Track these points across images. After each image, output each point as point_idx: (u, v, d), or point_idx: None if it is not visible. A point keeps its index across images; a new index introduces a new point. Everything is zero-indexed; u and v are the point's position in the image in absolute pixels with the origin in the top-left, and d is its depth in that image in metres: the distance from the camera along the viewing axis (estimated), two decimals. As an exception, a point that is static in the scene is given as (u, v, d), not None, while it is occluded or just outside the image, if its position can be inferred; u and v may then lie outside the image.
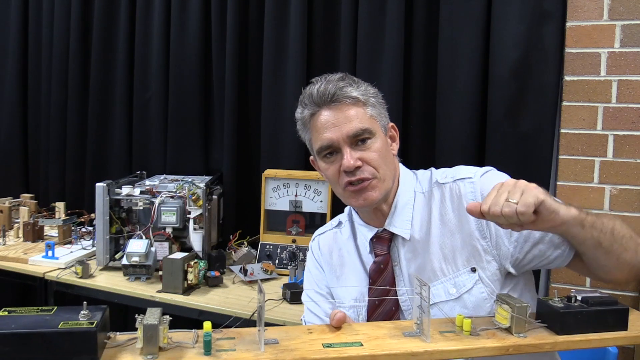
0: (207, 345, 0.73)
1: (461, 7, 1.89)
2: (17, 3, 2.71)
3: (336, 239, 1.26)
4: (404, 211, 1.14)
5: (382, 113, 1.15)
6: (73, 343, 0.69)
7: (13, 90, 2.75)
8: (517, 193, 0.88)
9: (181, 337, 0.78)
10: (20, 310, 0.75)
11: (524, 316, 0.79)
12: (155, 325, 0.72)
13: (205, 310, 1.68)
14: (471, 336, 0.80)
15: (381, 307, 1.14)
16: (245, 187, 2.34)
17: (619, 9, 1.70)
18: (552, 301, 0.84)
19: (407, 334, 0.81)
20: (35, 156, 2.79)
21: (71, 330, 0.69)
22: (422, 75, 2.02)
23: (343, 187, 1.11)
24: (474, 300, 1.06)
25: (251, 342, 0.78)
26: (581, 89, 1.76)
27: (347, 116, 1.08)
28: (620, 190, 1.74)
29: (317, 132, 1.12)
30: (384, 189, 1.10)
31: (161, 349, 0.74)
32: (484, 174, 1.11)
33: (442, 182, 1.14)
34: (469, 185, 1.10)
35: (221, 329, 0.81)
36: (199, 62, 2.37)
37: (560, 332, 0.80)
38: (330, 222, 1.33)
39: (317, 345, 0.78)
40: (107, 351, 0.74)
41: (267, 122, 2.25)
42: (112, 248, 1.97)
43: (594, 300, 0.82)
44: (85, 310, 0.74)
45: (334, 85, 1.09)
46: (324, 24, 2.17)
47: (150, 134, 2.49)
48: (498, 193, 0.90)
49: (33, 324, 0.71)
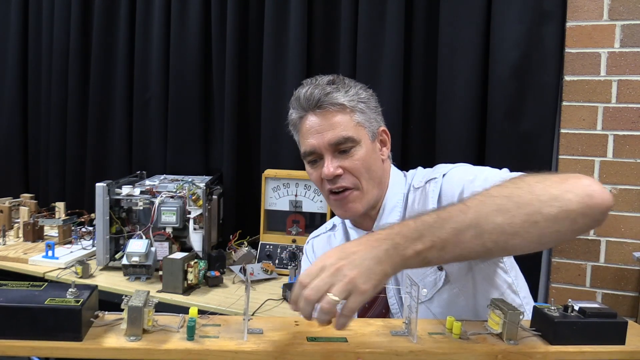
0: (190, 330, 0.73)
1: (461, 7, 1.89)
2: (17, 3, 2.71)
3: (330, 242, 1.26)
4: (392, 214, 1.13)
5: (372, 118, 1.12)
6: (57, 320, 0.70)
7: (13, 90, 2.75)
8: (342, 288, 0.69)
9: (168, 320, 0.78)
10: (11, 284, 0.76)
11: (516, 323, 0.76)
12: (140, 307, 0.72)
13: (205, 310, 1.67)
14: (460, 339, 0.77)
15: (371, 310, 1.14)
16: (245, 187, 2.34)
17: (619, 9, 1.70)
18: (548, 309, 0.80)
19: (394, 333, 0.80)
20: (35, 156, 2.79)
21: (56, 307, 0.70)
22: (422, 75, 2.02)
23: (326, 194, 1.11)
24: (447, 298, 1.06)
25: (236, 330, 0.78)
26: (581, 89, 1.76)
27: (331, 123, 1.07)
28: (620, 190, 1.74)
29: (302, 137, 1.12)
30: (366, 200, 1.09)
31: (146, 331, 0.74)
32: (447, 172, 1.08)
33: (416, 187, 1.12)
34: (433, 184, 1.08)
35: (208, 315, 0.81)
36: (199, 62, 2.37)
37: (553, 341, 0.77)
38: (324, 225, 1.33)
39: (301, 338, 0.77)
40: (93, 330, 0.74)
41: (267, 122, 2.25)
42: (112, 248, 1.97)
43: (591, 312, 0.78)
44: (73, 289, 0.74)
45: (321, 90, 1.08)
46: (324, 24, 2.17)
47: (150, 134, 2.49)
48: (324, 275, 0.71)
49: (21, 298, 0.72)
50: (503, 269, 1.08)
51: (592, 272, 1.79)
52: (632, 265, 1.74)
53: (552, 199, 0.74)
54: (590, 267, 1.79)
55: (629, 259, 1.74)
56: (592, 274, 1.79)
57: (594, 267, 1.77)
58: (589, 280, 1.79)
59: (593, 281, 1.79)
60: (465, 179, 1.02)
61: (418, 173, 1.17)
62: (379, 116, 1.16)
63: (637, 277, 1.74)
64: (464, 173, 1.05)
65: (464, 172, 1.05)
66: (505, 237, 0.74)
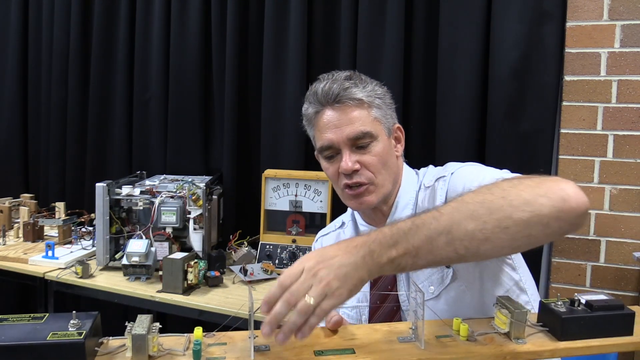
0: (196, 355, 0.72)
1: (461, 6, 1.89)
2: (17, 3, 2.71)
3: (339, 240, 1.26)
4: (404, 211, 1.14)
5: (388, 114, 1.14)
6: (61, 354, 0.70)
7: (13, 90, 2.75)
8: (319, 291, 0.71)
9: (173, 342, 0.77)
10: (12, 319, 0.76)
11: (522, 322, 0.76)
12: (144, 335, 0.71)
13: (205, 310, 1.68)
14: (468, 341, 0.77)
15: (382, 307, 1.14)
16: (245, 187, 2.34)
17: (619, 9, 1.70)
18: (554, 304, 0.80)
19: (402, 339, 0.79)
20: (35, 156, 2.79)
21: (59, 342, 0.70)
22: (422, 75, 2.02)
23: (341, 189, 1.12)
24: (454, 295, 1.06)
25: (242, 349, 0.76)
26: (581, 89, 1.76)
27: (350, 118, 1.07)
28: (620, 190, 1.74)
29: (319, 131, 1.12)
30: (382, 193, 1.10)
31: (151, 357, 0.73)
32: (455, 170, 1.10)
33: (427, 185, 1.14)
34: (442, 183, 1.09)
35: (214, 332, 0.80)
36: (199, 62, 2.37)
37: (561, 338, 0.77)
38: (333, 222, 1.33)
39: (308, 352, 0.76)
40: (98, 359, 0.74)
41: (267, 122, 2.25)
42: (112, 248, 1.97)
43: (598, 305, 0.78)
44: (74, 320, 0.74)
45: (339, 85, 1.08)
46: (324, 24, 2.17)
47: (150, 134, 2.49)
48: (303, 279, 0.73)
49: (22, 335, 0.71)
50: (511, 266, 1.09)
51: (592, 272, 1.79)
52: (632, 265, 1.74)
53: (524, 203, 0.75)
54: (590, 267, 1.79)
55: (629, 259, 1.74)
56: (592, 274, 1.79)
57: (594, 267, 1.77)
58: (589, 280, 1.79)
59: (593, 281, 1.79)
60: (466, 179, 1.03)
61: (429, 171, 1.18)
62: (394, 113, 1.17)
63: (637, 277, 1.74)
64: (468, 173, 1.06)
65: (469, 173, 1.06)
66: (477, 243, 0.74)
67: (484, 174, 1.02)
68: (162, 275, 1.75)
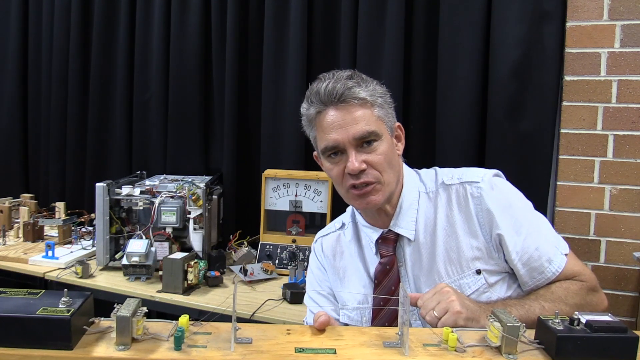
0: (177, 340, 0.74)
1: (461, 7, 1.89)
2: (17, 3, 2.71)
3: (339, 241, 1.26)
4: (409, 212, 1.14)
5: (389, 113, 1.14)
6: (48, 329, 0.72)
7: (13, 90, 2.75)
8: (442, 309, 0.93)
9: (160, 328, 0.79)
10: (10, 292, 0.79)
11: (515, 337, 0.73)
12: (127, 317, 0.73)
13: (205, 310, 1.68)
14: (456, 352, 0.75)
15: (390, 301, 1.13)
16: (245, 187, 2.34)
17: (619, 9, 1.70)
18: (552, 321, 0.76)
19: (387, 344, 0.77)
20: (35, 156, 2.79)
21: (46, 317, 0.72)
22: (422, 75, 2.02)
23: (347, 189, 1.10)
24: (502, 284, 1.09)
25: (225, 339, 0.77)
26: (581, 89, 1.76)
27: (354, 117, 1.06)
28: (620, 190, 1.74)
29: (322, 132, 1.10)
30: (387, 192, 1.10)
31: (135, 340, 0.74)
32: (491, 178, 1.11)
33: (448, 184, 1.13)
34: (475, 188, 1.10)
35: (201, 321, 0.81)
36: (199, 62, 2.37)
37: (555, 357, 0.73)
38: (332, 223, 1.32)
39: (289, 349, 0.76)
40: (86, 337, 0.75)
41: (267, 122, 2.25)
42: (112, 248, 1.97)
43: (598, 325, 0.74)
44: (66, 297, 0.76)
45: (342, 84, 1.07)
46: (324, 24, 2.17)
47: (150, 134, 2.49)
48: (432, 297, 0.95)
49: (13, 307, 0.74)
50: None
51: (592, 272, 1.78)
52: (632, 265, 1.74)
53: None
54: (590, 267, 1.79)
55: (629, 259, 1.74)
56: (592, 274, 1.78)
57: (594, 267, 1.77)
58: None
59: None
60: (511, 222, 1.08)
61: (441, 172, 1.18)
62: (394, 112, 1.16)
63: (637, 277, 1.74)
64: (508, 192, 1.13)
65: (507, 192, 1.13)
66: None
67: (535, 229, 1.11)
68: (162, 275, 1.75)
